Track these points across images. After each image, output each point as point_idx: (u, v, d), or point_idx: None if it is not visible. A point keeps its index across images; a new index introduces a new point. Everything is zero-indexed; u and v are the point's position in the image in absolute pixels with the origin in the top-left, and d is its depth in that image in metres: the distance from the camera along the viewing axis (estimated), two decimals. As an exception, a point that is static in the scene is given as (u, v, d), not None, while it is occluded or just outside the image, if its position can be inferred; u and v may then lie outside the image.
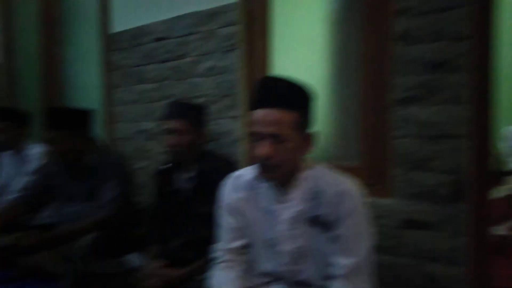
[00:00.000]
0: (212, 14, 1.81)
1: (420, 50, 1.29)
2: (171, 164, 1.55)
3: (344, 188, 1.03)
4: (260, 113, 1.01)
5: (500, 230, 1.99)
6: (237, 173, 1.18)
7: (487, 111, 1.24)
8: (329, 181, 1.06)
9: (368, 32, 1.41)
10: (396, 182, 1.36)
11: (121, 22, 2.23)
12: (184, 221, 1.50)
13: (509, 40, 4.09)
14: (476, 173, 1.25)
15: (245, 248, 1.13)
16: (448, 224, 1.27)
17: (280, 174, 1.04)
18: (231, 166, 1.39)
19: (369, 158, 1.44)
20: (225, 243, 1.14)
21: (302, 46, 1.67)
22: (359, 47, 1.45)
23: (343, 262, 0.99)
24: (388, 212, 1.37)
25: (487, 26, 1.22)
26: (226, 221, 1.14)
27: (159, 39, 2.07)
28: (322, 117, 1.63)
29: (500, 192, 2.48)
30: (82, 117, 1.70)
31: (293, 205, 1.07)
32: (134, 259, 1.60)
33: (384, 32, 1.36)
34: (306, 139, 1.05)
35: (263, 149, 0.99)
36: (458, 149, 1.24)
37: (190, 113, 1.50)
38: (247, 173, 1.15)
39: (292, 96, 1.03)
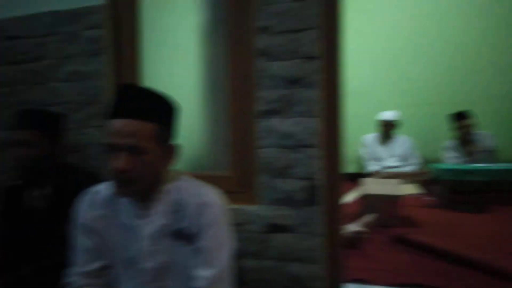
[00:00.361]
0: (74, 15, 1.67)
1: (279, 67, 1.39)
2: (21, 181, 1.37)
3: (205, 199, 1.04)
4: (117, 124, 0.96)
5: (356, 226, 2.25)
6: (94, 188, 1.10)
7: (336, 123, 1.39)
8: (192, 192, 1.06)
9: (234, 46, 1.47)
10: (261, 189, 1.43)
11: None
12: (37, 245, 1.33)
13: (352, 59, 4.73)
14: (327, 178, 1.40)
15: (103, 270, 1.06)
16: (305, 226, 1.39)
17: (137, 188, 1.00)
18: (93, 181, 1.29)
19: (238, 167, 1.49)
20: (80, 266, 1.05)
21: (173, 54, 1.65)
22: (228, 59, 1.50)
23: (204, 274, 0.99)
24: (255, 218, 1.44)
25: (334, 47, 1.38)
26: (81, 242, 1.05)
27: (11, 38, 1.82)
28: (194, 127, 1.63)
29: (357, 192, 2.82)
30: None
31: (155, 219, 1.04)
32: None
33: (248, 48, 1.44)
34: (168, 151, 1.04)
35: (119, 162, 0.94)
36: (312, 158, 1.36)
37: (44, 122, 1.35)
38: (105, 188, 1.08)
39: (151, 107, 1.00)
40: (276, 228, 1.42)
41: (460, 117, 3.97)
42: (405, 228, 2.51)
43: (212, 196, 1.06)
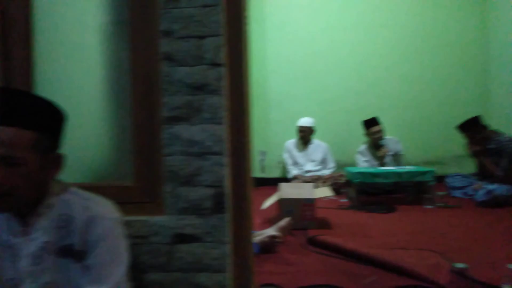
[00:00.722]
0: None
1: (184, 72, 1.36)
2: None
3: (94, 212, 0.97)
4: (-11, 132, 0.86)
5: (271, 231, 2.29)
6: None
7: (242, 130, 1.40)
8: (80, 206, 0.98)
9: (137, 49, 1.41)
10: (167, 199, 1.38)
11: None
12: None
13: (257, 67, 4.88)
14: (235, 185, 1.40)
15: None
16: (213, 234, 1.36)
17: (15, 203, 0.90)
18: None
19: (142, 176, 1.42)
20: None
21: (72, 56, 1.53)
22: (131, 63, 1.43)
23: (93, 292, 0.92)
24: (160, 229, 1.38)
25: (239, 54, 1.38)
26: None
27: None
28: (95, 134, 1.53)
29: (273, 198, 2.88)
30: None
31: (37, 236, 0.95)
32: None
33: (152, 52, 1.38)
34: (51, 162, 0.95)
35: (-9, 174, 0.84)
36: (218, 165, 1.35)
37: None
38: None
39: (30, 113, 0.91)
40: (183, 238, 1.38)
41: (370, 123, 4.28)
42: (320, 230, 2.62)
43: (102, 209, 0.99)
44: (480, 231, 2.57)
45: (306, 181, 4.32)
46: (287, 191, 2.81)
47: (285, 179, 4.59)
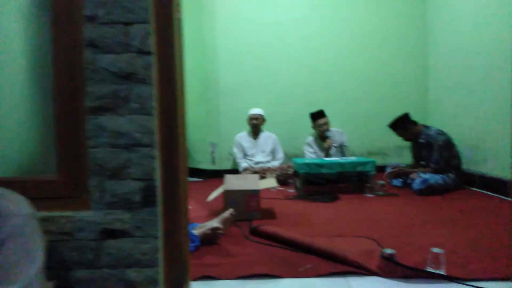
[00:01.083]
0: None
1: (110, 60, 1.29)
2: None
3: (3, 209, 0.90)
4: None
5: (214, 223, 2.28)
6: None
7: (174, 121, 1.36)
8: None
9: (60, 35, 1.32)
10: (93, 193, 1.32)
11: None
12: None
13: (208, 58, 4.86)
14: (166, 178, 1.36)
15: None
16: (143, 229, 1.32)
17: None
18: None
19: (66, 169, 1.34)
20: None
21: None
22: (52, 50, 1.34)
23: (-1, 294, 0.86)
24: (87, 225, 1.32)
25: (169, 42, 1.34)
26: None
27: None
28: (13, 125, 1.43)
29: (218, 190, 2.86)
30: None
31: None
32: None
33: (75, 38, 1.30)
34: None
35: None
36: (148, 157, 1.31)
37: None
38: None
39: None
40: (111, 233, 1.33)
41: (317, 116, 4.38)
42: (265, 220, 2.65)
43: (12, 205, 0.93)
44: (413, 218, 2.72)
45: (256, 172, 4.35)
46: (231, 182, 2.80)
47: (236, 171, 4.60)
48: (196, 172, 5.03)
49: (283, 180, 4.21)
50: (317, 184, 3.99)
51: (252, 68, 4.91)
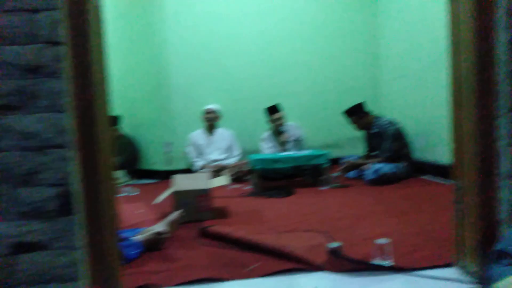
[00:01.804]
0: None
1: (14, 52, 1.14)
2: None
3: None
4: None
5: (159, 226, 2.15)
6: None
7: (91, 119, 1.23)
8: None
9: (-47, 24, 1.15)
10: (1, 203, 1.17)
11: None
12: None
13: (157, 54, 4.71)
14: (86, 183, 1.23)
15: None
16: (61, 240, 1.19)
17: None
18: None
19: (-31, 178, 1.18)
20: None
21: None
22: None
23: None
24: (-4, 239, 1.17)
25: (83, 31, 1.21)
26: None
27: None
28: None
29: (167, 192, 2.74)
30: None
31: None
32: None
33: (-30, 27, 1.14)
34: None
35: None
36: (62, 160, 1.17)
37: None
38: None
39: None
40: (26, 247, 1.18)
41: (272, 110, 4.33)
42: (217, 220, 2.55)
43: None
44: (364, 208, 2.73)
45: (213, 171, 4.24)
46: (180, 182, 2.68)
47: (192, 171, 4.46)
48: (150, 173, 4.84)
49: (240, 177, 4.13)
50: (273, 179, 3.95)
51: (205, 63, 4.77)
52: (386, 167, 3.57)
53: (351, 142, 4.95)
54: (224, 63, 4.81)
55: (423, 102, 3.95)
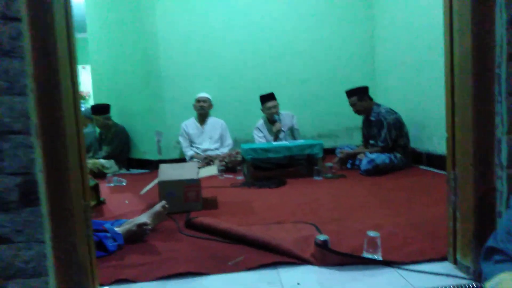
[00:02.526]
0: None
1: (-33, 28, 1.04)
2: None
3: None
4: None
5: (143, 218, 2.07)
6: None
7: (54, 103, 1.14)
8: None
9: None
10: (-42, 193, 1.08)
11: None
12: None
13: (147, 42, 4.55)
14: (50, 171, 1.14)
15: None
16: (24, 233, 1.10)
17: None
18: None
19: None
20: None
21: None
22: None
23: None
24: (-48, 233, 1.08)
25: (45, 6, 1.11)
26: None
27: None
28: None
29: (154, 182, 2.64)
30: None
31: None
32: None
33: None
34: None
35: None
36: (23, 147, 1.08)
37: None
38: None
39: None
40: (-15, 240, 1.10)
41: (266, 98, 4.22)
42: (205, 211, 2.48)
43: None
44: (358, 199, 2.65)
45: (204, 160, 4.16)
46: (167, 172, 2.60)
47: (184, 161, 4.38)
48: (142, 163, 4.75)
49: (231, 167, 4.05)
50: (266, 169, 3.87)
51: (197, 51, 4.65)
52: (380, 157, 3.49)
53: (347, 132, 4.87)
54: (216, 51, 4.69)
55: (421, 92, 3.85)
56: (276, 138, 4.19)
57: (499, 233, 1.04)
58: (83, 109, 5.68)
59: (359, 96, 3.82)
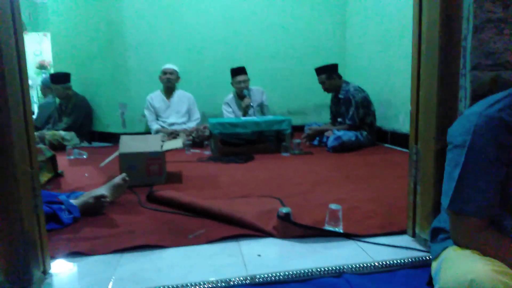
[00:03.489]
0: None
1: None
2: None
3: None
4: None
5: (102, 190, 1.98)
6: None
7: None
8: None
9: None
10: None
11: None
12: None
13: (132, 12, 4.28)
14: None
15: None
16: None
17: None
18: None
19: None
20: None
21: None
22: None
23: None
24: None
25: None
26: None
27: None
28: None
29: (115, 154, 2.54)
30: None
31: None
32: None
33: None
34: None
35: None
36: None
37: None
38: None
39: None
40: None
41: (236, 72, 4.12)
42: (168, 185, 2.41)
43: None
44: (323, 175, 2.66)
45: (170, 134, 4.05)
46: (128, 144, 2.49)
47: (149, 134, 4.24)
48: (105, 136, 4.58)
49: (199, 142, 3.97)
50: (234, 145, 3.82)
51: (163, 19, 4.44)
52: (347, 135, 3.52)
53: (316, 110, 4.88)
54: (185, 20, 4.50)
55: (388, 70, 3.88)
56: (245, 113, 4.13)
57: (442, 214, 1.06)
58: (43, 78, 5.37)
59: (328, 74, 3.80)
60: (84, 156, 3.52)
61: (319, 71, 3.87)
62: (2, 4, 1.06)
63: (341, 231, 1.55)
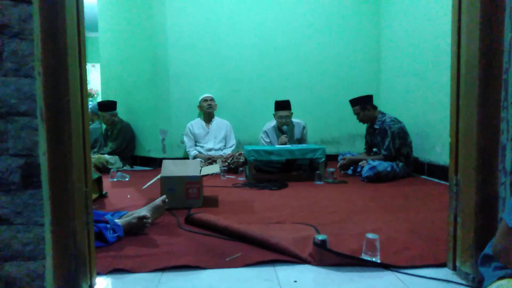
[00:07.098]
0: None
1: (-21, 9, 1.06)
2: None
3: None
4: None
5: (144, 211, 2.07)
6: None
7: (60, 86, 1.15)
8: None
9: None
10: (-39, 172, 1.09)
11: None
12: None
13: (139, 36, 4.58)
14: (53, 155, 1.15)
15: None
16: (24, 215, 1.11)
17: None
18: None
19: None
20: None
21: None
22: None
23: None
24: (-47, 211, 1.09)
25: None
26: None
27: None
28: None
29: (157, 177, 2.64)
30: None
31: None
32: None
33: None
34: None
35: None
36: (28, 129, 1.09)
37: None
38: None
39: None
40: (-15, 220, 1.10)
41: (279, 106, 4.12)
42: (205, 208, 2.48)
43: None
44: (358, 204, 2.64)
45: (207, 160, 4.16)
46: (169, 168, 2.60)
47: (187, 159, 4.38)
48: (146, 161, 4.77)
49: (234, 168, 4.05)
50: (268, 172, 3.87)
51: (203, 52, 4.67)
52: (382, 165, 3.48)
53: (349, 139, 4.86)
54: (223, 52, 4.70)
55: (424, 101, 3.85)
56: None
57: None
58: (90, 105, 5.72)
59: (361, 106, 3.81)
60: (127, 179, 3.68)
61: (353, 102, 3.89)
62: (71, 39, 1.20)
63: (379, 261, 1.53)
